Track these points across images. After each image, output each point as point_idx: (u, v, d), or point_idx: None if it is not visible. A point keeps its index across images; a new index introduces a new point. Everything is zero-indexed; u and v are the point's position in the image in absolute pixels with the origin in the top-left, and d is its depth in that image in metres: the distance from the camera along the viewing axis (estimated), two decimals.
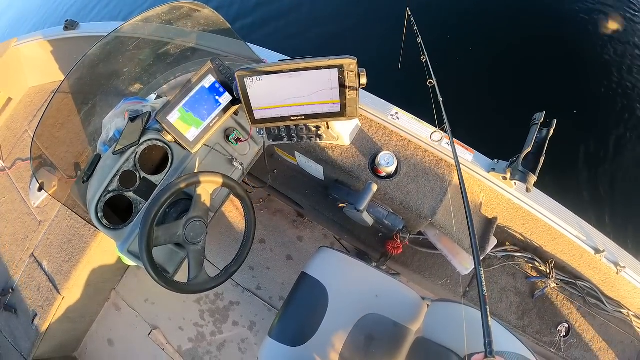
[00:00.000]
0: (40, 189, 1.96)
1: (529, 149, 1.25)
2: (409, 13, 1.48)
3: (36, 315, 1.72)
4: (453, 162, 1.38)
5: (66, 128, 1.34)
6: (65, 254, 1.77)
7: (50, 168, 1.40)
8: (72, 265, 1.74)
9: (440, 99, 1.22)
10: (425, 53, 1.33)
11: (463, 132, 1.50)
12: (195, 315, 1.93)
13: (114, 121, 1.31)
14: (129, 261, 1.87)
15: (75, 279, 1.74)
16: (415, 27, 1.41)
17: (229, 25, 1.23)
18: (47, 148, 1.31)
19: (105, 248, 1.82)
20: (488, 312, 0.67)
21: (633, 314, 1.43)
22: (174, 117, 1.17)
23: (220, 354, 1.85)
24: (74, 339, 1.93)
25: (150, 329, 1.93)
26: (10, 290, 1.81)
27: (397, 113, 1.48)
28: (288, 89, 1.09)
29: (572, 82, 2.70)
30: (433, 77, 1.27)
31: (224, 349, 1.86)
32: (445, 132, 1.26)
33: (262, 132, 1.31)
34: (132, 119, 1.28)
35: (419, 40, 1.37)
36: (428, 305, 1.39)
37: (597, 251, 1.31)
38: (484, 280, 0.73)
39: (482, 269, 0.74)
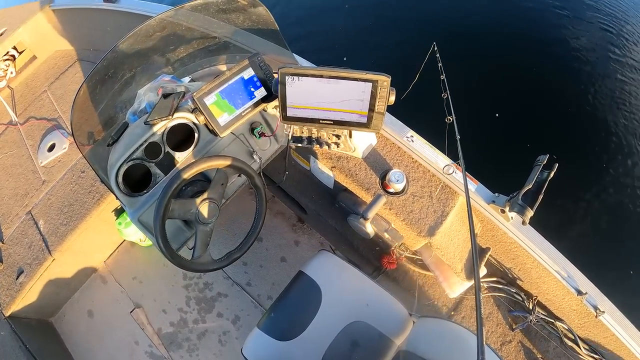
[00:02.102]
0: (50, 150, 1.99)
1: (529, 187, 1.34)
2: (436, 49, 1.57)
3: (22, 272, 1.70)
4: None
5: (99, 96, 1.38)
6: (64, 217, 1.77)
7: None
8: (69, 229, 1.74)
9: (458, 137, 1.29)
10: (448, 90, 1.39)
11: (469, 163, 1.59)
12: (181, 300, 1.93)
13: (147, 94, 1.37)
14: (126, 235, 1.89)
15: (68, 243, 1.74)
16: (440, 65, 1.47)
17: (278, 27, 1.31)
18: (77, 109, 1.33)
19: (104, 218, 1.82)
20: (484, 334, 0.72)
21: None
22: (210, 100, 1.23)
23: (200, 343, 1.85)
24: (54, 304, 1.90)
25: (133, 306, 1.92)
26: (0, 243, 1.79)
27: (412, 136, 1.57)
28: (324, 93, 1.17)
29: (579, 129, 2.90)
30: (453, 114, 1.34)
31: (204, 339, 1.86)
32: (459, 165, 1.33)
33: (289, 130, 1.37)
34: (165, 96, 1.34)
35: (442, 77, 1.43)
36: (414, 321, 1.44)
37: (580, 293, 1.39)
38: (482, 304, 0.77)
39: (481, 294, 0.80)
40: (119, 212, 1.87)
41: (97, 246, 1.92)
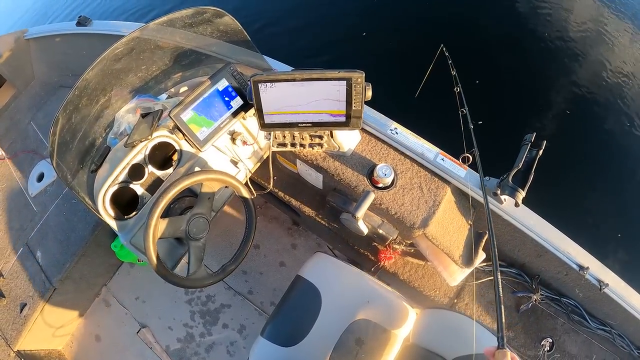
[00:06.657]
0: (39, 180, 1.99)
1: (519, 167, 1.33)
2: (444, 49, 1.61)
3: (25, 305, 1.71)
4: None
5: (77, 125, 1.37)
6: (60, 246, 1.77)
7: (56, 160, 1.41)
8: (66, 257, 1.75)
9: (471, 127, 1.34)
10: (460, 85, 1.46)
11: (456, 149, 1.57)
12: (185, 315, 1.93)
13: (125, 116, 1.36)
14: (124, 257, 1.89)
15: (68, 271, 1.75)
16: (450, 62, 1.55)
17: (247, 34, 1.30)
18: (55, 141, 1.32)
19: (100, 243, 1.83)
20: (502, 309, 0.74)
21: (615, 332, 1.49)
22: (187, 116, 1.22)
23: (208, 356, 1.85)
24: (61, 333, 1.90)
25: (139, 327, 1.92)
26: (0, 278, 1.79)
27: (395, 128, 1.55)
28: (299, 96, 1.15)
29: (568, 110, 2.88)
30: (465, 106, 1.40)
31: (212, 351, 1.86)
32: (473, 156, 1.37)
33: (270, 136, 1.36)
34: (143, 115, 1.33)
35: (454, 73, 1.51)
36: (417, 313, 1.43)
37: (582, 268, 1.37)
38: (500, 280, 0.80)
39: (499, 273, 0.81)
40: (113, 234, 1.87)
41: (96, 271, 1.92)
